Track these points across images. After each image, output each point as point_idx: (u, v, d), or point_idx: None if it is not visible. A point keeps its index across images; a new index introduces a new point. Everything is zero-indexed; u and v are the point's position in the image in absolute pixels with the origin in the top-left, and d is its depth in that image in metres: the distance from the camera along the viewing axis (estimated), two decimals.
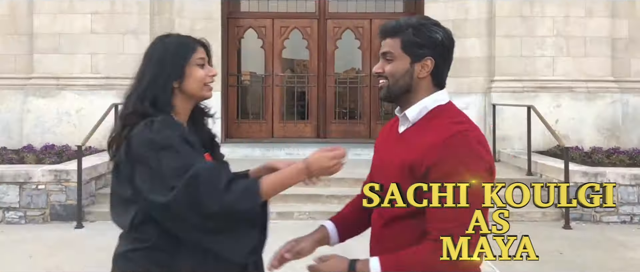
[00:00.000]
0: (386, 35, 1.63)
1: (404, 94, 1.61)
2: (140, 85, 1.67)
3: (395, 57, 1.60)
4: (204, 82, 1.73)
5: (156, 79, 1.67)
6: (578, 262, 4.72)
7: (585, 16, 8.26)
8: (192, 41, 1.74)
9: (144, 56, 1.72)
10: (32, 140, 7.98)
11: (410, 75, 1.59)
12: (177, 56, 1.69)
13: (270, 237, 5.89)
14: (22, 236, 5.49)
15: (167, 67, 1.67)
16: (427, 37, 1.58)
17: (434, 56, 1.59)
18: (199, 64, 1.72)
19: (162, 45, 1.71)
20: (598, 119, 8.22)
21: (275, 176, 1.64)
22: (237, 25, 9.62)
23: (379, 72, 1.64)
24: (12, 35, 8.39)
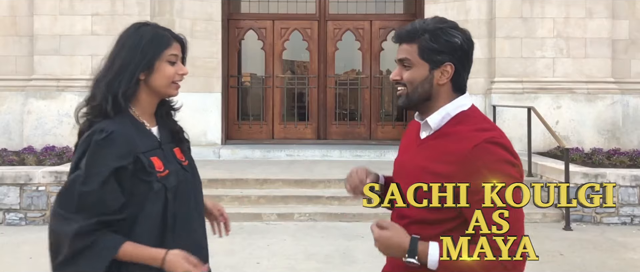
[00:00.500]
0: (402, 41, 1.56)
1: (424, 102, 1.55)
2: (109, 72, 1.64)
3: (413, 64, 1.54)
4: (172, 79, 1.68)
5: (126, 67, 1.62)
6: (578, 263, 4.72)
7: (585, 17, 8.26)
8: (168, 35, 1.68)
9: (117, 41, 1.68)
10: (32, 141, 7.99)
11: (430, 82, 1.54)
12: (150, 47, 1.64)
13: (270, 239, 5.87)
14: (23, 238, 5.49)
15: (138, 57, 1.63)
16: (445, 42, 1.51)
17: (454, 61, 1.53)
18: (170, 61, 1.67)
19: (137, 33, 1.66)
20: (598, 120, 8.22)
21: (134, 250, 1.56)
22: (237, 27, 9.63)
23: (396, 79, 1.58)
24: (13, 37, 8.40)
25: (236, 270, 4.44)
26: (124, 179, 1.56)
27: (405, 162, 1.62)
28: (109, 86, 1.62)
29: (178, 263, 1.55)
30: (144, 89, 1.66)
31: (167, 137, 1.73)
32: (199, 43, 8.49)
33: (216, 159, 8.33)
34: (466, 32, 1.55)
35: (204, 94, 8.65)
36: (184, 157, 1.76)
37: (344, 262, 4.63)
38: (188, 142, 1.82)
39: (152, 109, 1.71)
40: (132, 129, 1.62)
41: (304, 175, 6.99)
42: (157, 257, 1.56)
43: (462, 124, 1.52)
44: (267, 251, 4.96)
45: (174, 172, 1.66)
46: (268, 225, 5.88)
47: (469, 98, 1.57)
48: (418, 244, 1.45)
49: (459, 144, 1.46)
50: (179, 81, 1.70)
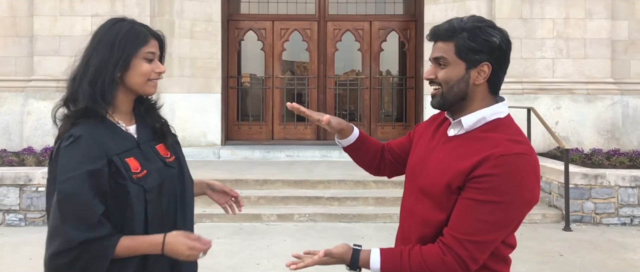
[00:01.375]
0: (438, 39, 1.52)
1: (459, 102, 1.52)
2: (87, 70, 1.59)
3: (449, 63, 1.50)
4: (148, 77, 1.62)
5: (105, 64, 1.58)
6: (578, 263, 4.72)
7: (585, 18, 8.27)
8: (145, 31, 1.63)
9: (92, 37, 1.63)
10: (32, 142, 7.98)
11: (466, 82, 1.50)
12: (126, 44, 1.59)
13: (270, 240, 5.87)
14: (23, 238, 5.49)
15: (115, 54, 1.58)
16: (484, 41, 1.47)
17: (491, 61, 1.49)
18: (147, 58, 1.62)
19: (113, 29, 1.60)
20: (598, 120, 8.23)
21: (132, 243, 1.53)
22: (237, 27, 9.63)
23: (431, 77, 1.53)
24: (13, 37, 8.40)
25: (236, 270, 4.44)
26: (100, 184, 1.51)
27: (426, 157, 1.57)
28: (93, 85, 1.57)
29: (180, 244, 1.52)
30: (120, 88, 1.61)
31: (147, 135, 1.67)
32: (199, 44, 8.50)
33: (216, 160, 8.33)
34: (504, 31, 1.51)
35: (204, 94, 8.66)
36: (169, 153, 1.70)
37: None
38: (174, 136, 1.76)
39: (129, 107, 1.66)
40: (103, 130, 1.57)
41: (304, 176, 6.99)
42: (156, 243, 1.52)
43: (495, 132, 1.47)
44: (267, 252, 4.95)
45: (155, 170, 1.61)
46: (268, 226, 5.88)
47: (506, 106, 1.54)
48: (361, 252, 1.52)
49: (489, 147, 1.43)
50: (156, 79, 1.65)
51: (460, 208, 1.43)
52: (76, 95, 1.59)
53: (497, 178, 1.39)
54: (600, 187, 6.07)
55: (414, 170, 1.62)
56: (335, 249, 1.54)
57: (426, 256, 1.44)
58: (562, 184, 6.03)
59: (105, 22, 1.64)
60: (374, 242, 1.75)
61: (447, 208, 1.48)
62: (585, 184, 6.07)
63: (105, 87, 1.57)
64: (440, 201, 1.48)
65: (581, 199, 6.06)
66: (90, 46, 1.62)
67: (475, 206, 1.40)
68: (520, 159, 1.41)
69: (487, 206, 1.39)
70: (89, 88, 1.57)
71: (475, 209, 1.40)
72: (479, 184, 1.40)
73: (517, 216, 1.42)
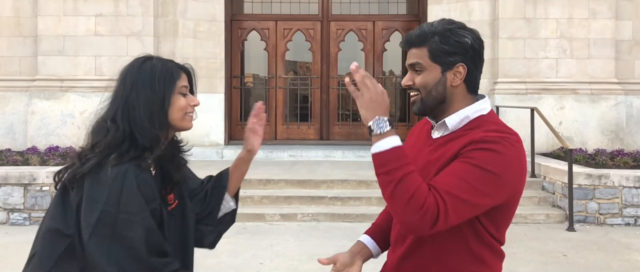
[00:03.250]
0: (411, 46, 1.54)
1: (439, 105, 1.53)
2: (131, 110, 1.54)
3: (425, 68, 1.52)
4: (185, 111, 1.61)
5: (151, 104, 1.55)
6: (582, 264, 4.71)
7: (588, 18, 8.25)
8: (175, 66, 1.62)
9: (123, 78, 1.58)
10: (36, 142, 8.01)
11: (444, 85, 1.52)
12: (163, 82, 1.57)
13: (273, 239, 5.87)
14: (27, 238, 5.48)
15: (157, 93, 1.56)
16: (456, 42, 1.50)
17: (466, 62, 1.51)
18: (182, 93, 1.60)
19: (145, 68, 1.58)
20: (602, 121, 8.20)
21: None
22: (240, 27, 9.65)
23: (409, 84, 1.55)
24: (17, 38, 8.43)
25: (239, 270, 4.45)
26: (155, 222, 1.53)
27: (415, 161, 1.57)
28: (152, 124, 1.54)
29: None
30: None
31: (160, 181, 1.63)
32: (202, 44, 8.51)
33: (219, 160, 8.34)
34: (475, 31, 1.53)
35: (207, 94, 8.66)
36: (174, 197, 1.68)
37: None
38: (186, 183, 1.75)
39: (162, 149, 1.61)
40: (147, 172, 1.55)
41: (307, 175, 6.99)
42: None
43: (479, 128, 1.50)
44: (270, 252, 4.96)
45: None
46: (271, 225, 5.89)
47: (488, 102, 1.56)
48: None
49: (472, 136, 1.46)
50: (191, 113, 1.64)
51: (446, 170, 1.43)
52: (126, 136, 1.53)
53: (483, 152, 1.41)
54: (604, 187, 6.06)
55: None
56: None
57: (416, 186, 1.39)
58: (565, 185, 6.01)
59: (133, 63, 1.61)
60: None
61: None
62: (589, 185, 6.06)
63: (162, 125, 1.56)
64: None
65: (585, 199, 6.04)
66: (123, 87, 1.58)
67: (460, 166, 1.41)
68: (504, 140, 1.43)
69: (471, 169, 1.40)
70: (150, 127, 1.54)
71: (459, 169, 1.41)
72: (465, 155, 1.42)
73: (499, 192, 1.42)
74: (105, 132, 1.54)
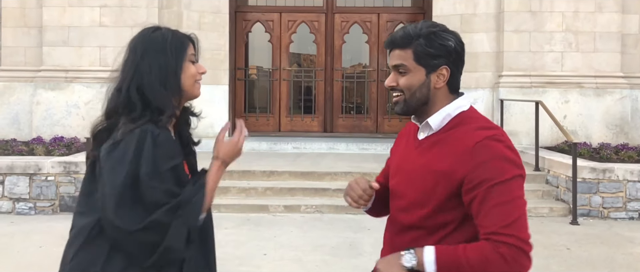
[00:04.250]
0: (395, 47, 1.55)
1: (422, 106, 1.56)
2: (141, 76, 1.57)
3: (409, 70, 1.54)
4: (195, 78, 1.66)
5: (165, 69, 1.59)
6: (585, 257, 4.72)
7: (594, 11, 8.20)
8: (183, 35, 1.67)
9: (133, 48, 1.62)
10: (41, 132, 8.05)
11: (427, 87, 1.54)
12: (175, 49, 1.62)
13: (277, 230, 5.90)
14: (33, 227, 5.55)
15: (170, 60, 1.60)
16: (440, 45, 1.52)
17: (449, 64, 1.54)
18: (191, 60, 1.65)
19: (157, 37, 1.62)
20: (607, 114, 8.18)
21: (209, 189, 1.61)
22: (244, 19, 9.64)
23: (392, 85, 1.57)
24: (22, 28, 8.44)
25: (243, 261, 4.47)
26: (180, 178, 1.59)
27: (405, 165, 1.61)
28: (165, 88, 1.58)
29: (231, 152, 1.69)
30: None
31: (179, 149, 1.68)
32: (207, 35, 8.50)
33: None
34: (457, 34, 1.57)
35: (211, 86, 8.67)
36: (189, 173, 1.72)
37: (351, 254, 4.65)
38: (194, 153, 1.80)
39: (176, 116, 1.67)
40: (168, 133, 1.61)
41: (311, 167, 7.01)
42: (218, 166, 1.67)
43: (462, 125, 1.53)
44: (273, 243, 4.98)
45: None
46: (275, 217, 5.91)
47: (467, 99, 1.59)
48: (414, 248, 1.47)
49: (461, 142, 1.48)
50: (200, 81, 1.69)
51: (476, 209, 1.44)
52: (138, 101, 1.57)
53: (483, 166, 1.43)
54: (608, 181, 6.05)
55: (393, 173, 1.65)
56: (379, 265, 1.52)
57: (483, 251, 1.41)
58: (569, 178, 6.01)
59: (143, 32, 1.66)
60: (379, 234, 1.75)
61: (434, 214, 1.52)
62: (593, 178, 6.05)
63: (175, 90, 1.60)
64: (433, 209, 1.51)
65: (589, 193, 6.04)
66: (134, 56, 1.62)
67: (486, 196, 1.43)
68: (492, 141, 1.46)
69: (494, 189, 1.42)
70: (164, 91, 1.58)
71: (489, 198, 1.42)
72: (472, 182, 1.44)
73: (520, 187, 1.47)
74: (115, 99, 1.59)
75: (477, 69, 8.53)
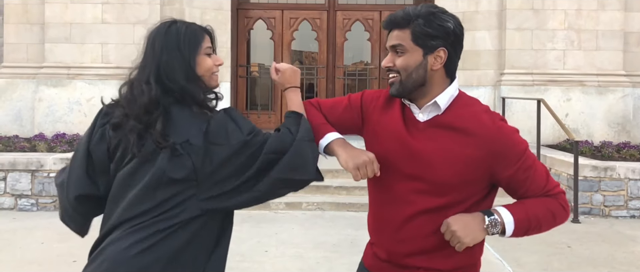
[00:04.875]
0: (394, 27, 1.55)
1: (418, 88, 1.54)
2: (172, 70, 1.62)
3: (407, 50, 1.53)
4: (211, 71, 1.70)
5: (180, 65, 1.62)
6: (586, 255, 4.72)
7: (597, 9, 8.19)
8: (199, 28, 1.70)
9: (150, 43, 1.65)
10: (43, 128, 8.06)
11: (424, 68, 1.53)
12: (189, 44, 1.64)
13: (278, 227, 5.87)
14: (35, 223, 5.56)
15: (185, 55, 1.64)
16: (439, 26, 1.51)
17: (447, 46, 1.52)
18: (207, 53, 1.68)
19: (171, 32, 1.64)
20: (609, 113, 8.17)
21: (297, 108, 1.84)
22: (246, 16, 9.63)
23: (389, 65, 1.56)
24: (24, 25, 8.46)
25: (245, 257, 4.48)
26: None
27: (415, 148, 1.54)
28: (187, 80, 1.64)
29: (288, 73, 2.00)
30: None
31: None
32: None
33: None
34: (456, 17, 1.56)
35: None
36: None
37: (352, 251, 4.66)
38: None
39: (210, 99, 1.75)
40: None
41: None
42: (296, 92, 1.99)
43: (467, 107, 1.57)
44: (275, 240, 4.99)
45: None
46: (276, 214, 5.92)
47: (457, 82, 1.62)
48: (493, 212, 1.53)
49: (479, 124, 1.53)
50: (217, 73, 1.72)
51: (520, 182, 1.55)
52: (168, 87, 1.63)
53: (510, 142, 1.54)
54: (609, 179, 6.05)
55: (392, 157, 1.59)
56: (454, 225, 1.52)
57: (546, 204, 1.57)
58: (571, 176, 6.01)
59: (159, 27, 1.67)
60: None
61: (460, 195, 1.55)
62: (595, 177, 6.05)
63: (195, 81, 1.64)
64: (459, 191, 1.53)
65: (590, 191, 6.03)
66: (153, 52, 1.64)
67: (525, 165, 1.55)
68: (502, 122, 1.58)
69: (526, 157, 1.56)
70: (188, 85, 1.63)
71: (525, 169, 1.55)
72: (508, 157, 1.53)
73: (532, 154, 1.61)
74: (141, 93, 1.61)
75: (479, 66, 8.53)
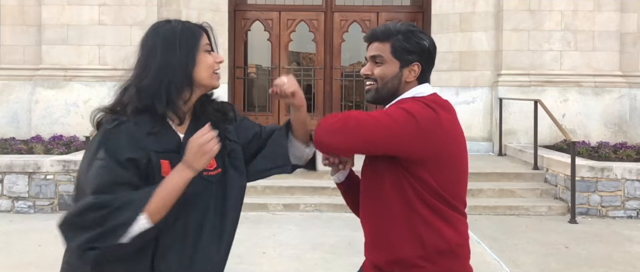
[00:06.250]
0: (375, 40, 1.71)
1: (391, 96, 1.70)
2: (147, 74, 1.51)
3: (385, 61, 1.68)
4: (213, 69, 1.59)
5: (171, 66, 1.52)
6: (583, 255, 4.73)
7: (593, 10, 8.21)
8: (195, 26, 1.60)
9: (144, 45, 1.56)
10: (40, 130, 8.04)
11: (399, 79, 1.69)
12: (187, 42, 1.55)
13: (276, 229, 5.86)
14: (32, 225, 5.55)
15: (178, 54, 1.53)
16: (416, 44, 1.68)
17: (421, 62, 1.69)
18: (206, 50, 1.59)
19: (166, 31, 1.55)
20: (605, 113, 8.19)
21: (158, 193, 1.45)
22: (244, 18, 9.63)
23: (367, 73, 1.71)
24: (21, 26, 8.44)
25: (243, 259, 4.48)
26: (139, 175, 1.47)
27: None
28: (159, 85, 1.51)
29: (194, 153, 1.46)
30: (187, 87, 1.56)
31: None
32: None
33: None
34: (431, 38, 1.73)
35: None
36: (215, 164, 1.60)
37: (349, 253, 4.66)
38: (234, 142, 1.67)
39: (189, 107, 1.60)
40: (145, 127, 1.51)
41: None
42: (181, 169, 1.45)
43: (404, 102, 1.66)
44: (272, 241, 4.99)
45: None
46: (274, 215, 5.92)
47: (429, 87, 1.71)
48: None
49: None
50: (218, 71, 1.62)
51: None
52: (133, 97, 1.52)
53: (395, 108, 1.64)
54: (606, 180, 6.06)
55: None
56: None
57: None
58: (568, 177, 6.02)
59: (153, 28, 1.59)
60: None
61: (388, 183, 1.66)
62: (592, 177, 6.06)
63: (173, 87, 1.52)
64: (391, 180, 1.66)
65: (587, 191, 6.05)
66: (145, 54, 1.55)
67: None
68: (418, 102, 1.63)
69: (381, 113, 1.64)
70: (154, 86, 1.51)
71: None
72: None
73: (382, 117, 1.66)
74: (119, 96, 1.56)
75: (476, 67, 8.54)
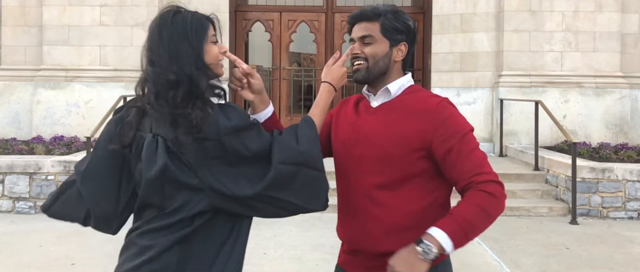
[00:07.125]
0: (364, 19, 1.71)
1: (381, 76, 1.71)
2: (170, 63, 1.55)
3: (376, 40, 1.69)
4: (218, 59, 1.67)
5: (189, 55, 1.58)
6: (584, 256, 4.72)
7: (594, 11, 8.21)
8: (203, 16, 1.67)
9: (156, 33, 1.60)
10: (41, 131, 8.05)
11: (389, 58, 1.71)
12: (196, 32, 1.61)
13: (277, 230, 5.88)
14: (33, 226, 5.55)
15: (193, 44, 1.59)
16: (403, 23, 1.71)
17: (408, 41, 1.72)
18: (213, 41, 1.65)
19: (177, 20, 1.61)
20: (606, 114, 8.18)
21: (318, 109, 1.72)
22: (244, 18, 9.64)
23: (357, 53, 1.71)
24: (22, 27, 8.45)
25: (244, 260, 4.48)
26: None
27: (363, 132, 1.69)
28: (197, 69, 1.59)
29: (334, 73, 1.79)
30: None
31: None
32: None
33: None
34: (413, 18, 1.77)
35: None
36: None
37: None
38: None
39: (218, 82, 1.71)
40: None
41: None
42: (329, 90, 1.79)
43: (414, 93, 1.71)
44: (273, 242, 4.99)
45: None
46: None
47: (411, 76, 1.78)
48: (423, 241, 1.48)
49: (421, 104, 1.66)
50: (222, 61, 1.70)
51: (453, 161, 1.59)
52: (193, 85, 1.57)
53: (449, 121, 1.61)
54: (607, 181, 6.06)
55: (346, 144, 1.74)
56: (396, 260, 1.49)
57: (473, 200, 1.53)
58: (569, 178, 6.01)
59: (163, 16, 1.63)
60: None
61: (403, 168, 1.62)
62: (593, 178, 6.06)
63: (202, 75, 1.59)
64: (402, 163, 1.62)
65: (588, 192, 6.04)
66: (160, 41, 1.59)
67: (459, 147, 1.58)
68: (447, 103, 1.67)
69: (464, 139, 1.60)
70: (198, 73, 1.58)
71: (461, 149, 1.59)
72: (444, 134, 1.60)
73: (475, 138, 1.66)
74: (183, 85, 1.56)
75: (477, 68, 8.54)
